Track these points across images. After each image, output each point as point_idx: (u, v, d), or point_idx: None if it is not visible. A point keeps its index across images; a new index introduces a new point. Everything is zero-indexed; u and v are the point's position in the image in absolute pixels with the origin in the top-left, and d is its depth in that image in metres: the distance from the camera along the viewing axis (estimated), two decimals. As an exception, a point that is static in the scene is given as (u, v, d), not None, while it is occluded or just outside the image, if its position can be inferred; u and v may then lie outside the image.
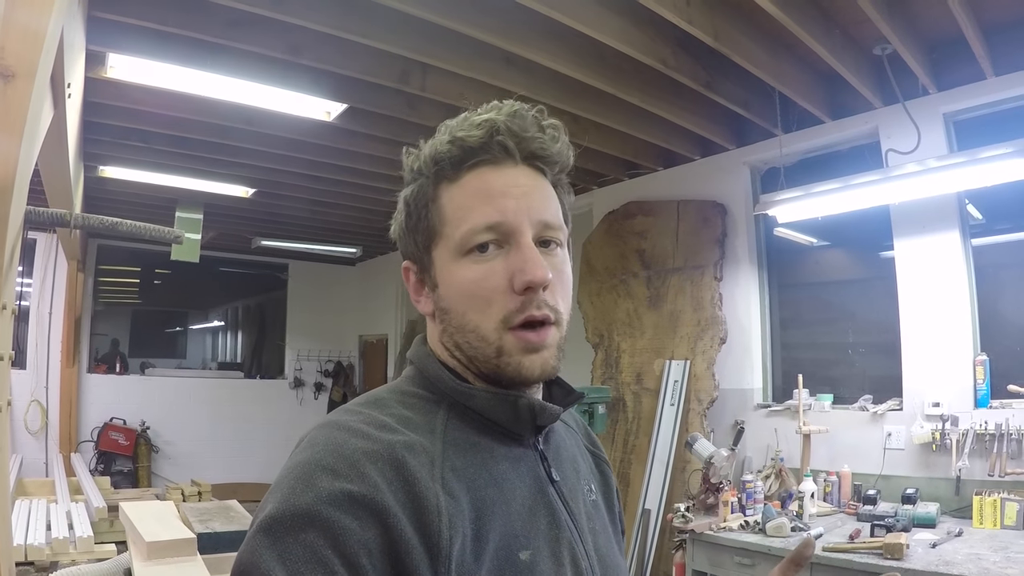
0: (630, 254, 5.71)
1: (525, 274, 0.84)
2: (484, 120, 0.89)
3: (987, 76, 3.80)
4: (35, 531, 3.33)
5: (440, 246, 0.89)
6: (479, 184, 0.88)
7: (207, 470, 8.10)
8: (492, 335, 0.85)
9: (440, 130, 0.92)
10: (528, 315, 0.85)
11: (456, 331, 0.88)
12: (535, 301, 0.85)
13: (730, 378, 5.03)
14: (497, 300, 0.85)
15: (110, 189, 6.31)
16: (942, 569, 2.87)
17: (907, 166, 3.78)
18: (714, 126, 4.88)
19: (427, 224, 0.90)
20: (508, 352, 0.85)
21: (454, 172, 0.89)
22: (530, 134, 0.89)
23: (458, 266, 0.87)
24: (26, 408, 7.62)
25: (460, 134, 0.88)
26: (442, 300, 0.90)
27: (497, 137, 0.88)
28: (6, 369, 1.81)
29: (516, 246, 0.86)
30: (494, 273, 0.85)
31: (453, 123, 0.91)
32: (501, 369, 0.86)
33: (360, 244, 8.80)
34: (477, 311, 0.86)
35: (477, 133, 0.88)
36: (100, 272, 8.87)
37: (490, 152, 0.88)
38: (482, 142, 0.88)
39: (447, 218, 0.88)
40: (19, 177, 1.69)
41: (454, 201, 0.88)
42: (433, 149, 0.90)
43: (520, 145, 0.89)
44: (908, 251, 4.21)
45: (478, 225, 0.86)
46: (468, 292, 0.86)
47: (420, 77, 4.12)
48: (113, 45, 3.59)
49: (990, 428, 3.67)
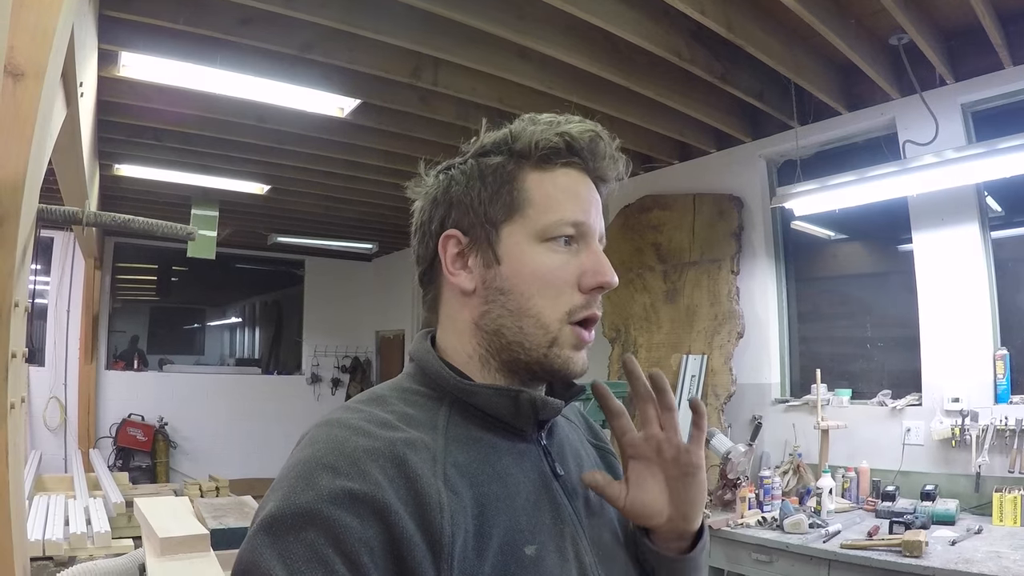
0: (646, 248, 5.68)
1: (600, 275, 0.89)
2: (588, 129, 0.92)
3: (1005, 66, 3.75)
4: (53, 526, 3.35)
5: (517, 224, 0.90)
6: (569, 182, 0.91)
7: (225, 465, 8.15)
8: (554, 324, 0.88)
9: (525, 119, 0.94)
10: (591, 312, 0.90)
11: (510, 314, 0.89)
12: (597, 302, 0.90)
13: (747, 373, 4.99)
14: (566, 292, 0.88)
15: (125, 187, 6.36)
16: (961, 567, 2.83)
17: (925, 157, 3.73)
18: (729, 118, 4.84)
19: (508, 200, 0.90)
20: (561, 344, 0.88)
21: (548, 163, 0.91)
22: (616, 158, 0.94)
23: (536, 250, 0.89)
24: (45, 405, 7.70)
25: (570, 129, 0.91)
26: (503, 279, 0.89)
27: (599, 146, 0.92)
28: (21, 366, 1.81)
29: (589, 248, 0.91)
30: (569, 265, 0.89)
31: (547, 117, 0.93)
32: (549, 360, 0.88)
33: (376, 240, 8.81)
34: (546, 298, 0.88)
35: (584, 137, 0.91)
36: (117, 270, 8.94)
37: (583, 157, 0.92)
38: (587, 146, 0.91)
39: (534, 201, 0.90)
40: (30, 176, 1.69)
41: (543, 188, 0.90)
42: (532, 135, 0.91)
43: (603, 164, 0.93)
44: (927, 244, 4.16)
45: (567, 218, 0.89)
46: (542, 277, 0.88)
47: (432, 72, 4.12)
48: (125, 44, 3.61)
49: (1010, 424, 3.62)
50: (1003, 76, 3.80)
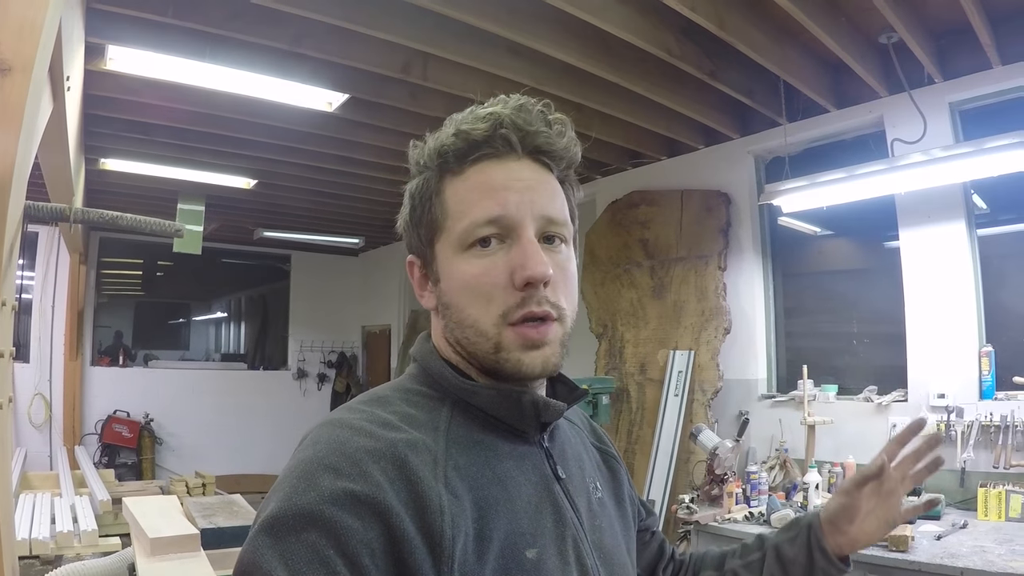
0: (634, 244, 5.70)
1: (525, 270, 0.83)
2: (489, 113, 0.88)
3: (993, 65, 3.77)
4: (40, 525, 3.32)
5: (442, 240, 0.88)
6: (482, 178, 0.87)
7: (211, 462, 8.10)
8: (491, 330, 0.85)
9: (446, 123, 0.91)
10: (527, 311, 0.84)
11: (456, 326, 0.88)
12: (535, 297, 0.84)
13: (734, 368, 5.02)
14: (497, 295, 0.84)
15: (111, 182, 6.30)
16: (947, 561, 2.86)
17: (912, 155, 3.75)
18: (718, 115, 4.85)
19: (430, 218, 0.89)
20: (506, 348, 0.85)
21: (458, 165, 0.88)
22: (535, 128, 0.88)
23: (459, 260, 0.86)
24: (30, 401, 7.64)
25: (465, 127, 0.87)
26: (444, 295, 0.89)
27: (501, 130, 0.87)
28: (7, 366, 1.80)
29: (517, 241, 0.85)
30: (495, 268, 0.84)
31: (459, 116, 0.90)
32: (500, 365, 0.85)
33: (363, 235, 8.79)
34: (477, 306, 0.85)
35: (482, 126, 0.87)
36: (102, 265, 8.87)
37: (493, 145, 0.87)
38: (486, 135, 0.87)
39: (449, 212, 0.87)
40: (17, 172, 1.67)
41: (457, 194, 0.87)
42: (438, 142, 0.89)
43: (524, 139, 0.88)
44: (913, 241, 4.19)
45: (479, 219, 0.85)
46: (468, 287, 0.85)
47: (422, 67, 4.10)
48: (112, 37, 3.57)
49: (995, 420, 3.66)
50: (991, 75, 3.83)
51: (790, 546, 1.07)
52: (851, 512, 1.06)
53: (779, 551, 1.08)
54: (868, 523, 1.06)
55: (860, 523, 1.06)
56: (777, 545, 1.09)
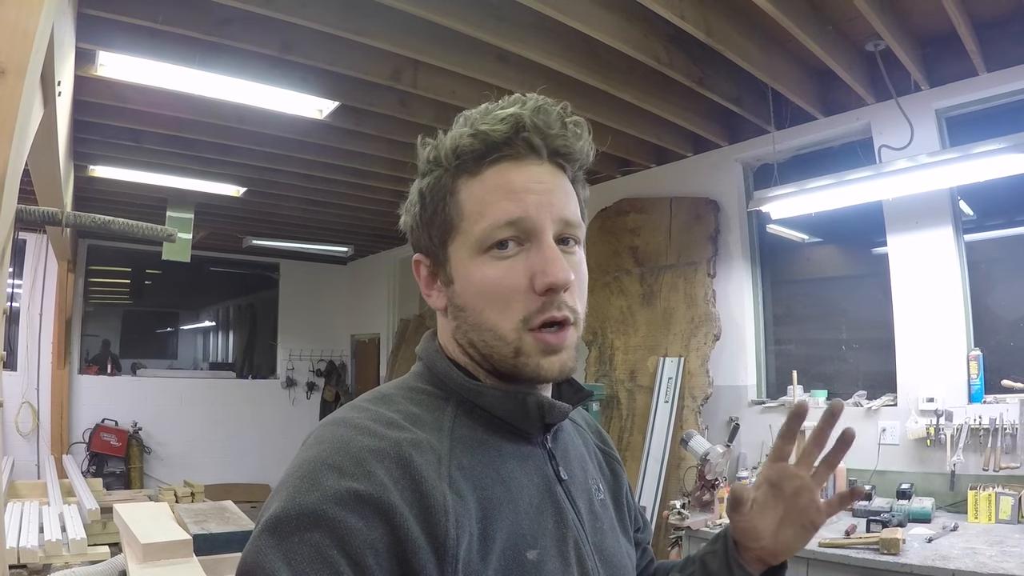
0: (623, 251, 5.71)
1: (547, 275, 0.82)
2: (509, 114, 0.86)
3: (979, 72, 3.81)
4: (28, 534, 3.29)
5: (457, 241, 0.87)
6: (501, 180, 0.85)
7: (199, 471, 8.06)
8: (511, 335, 0.84)
9: (459, 121, 0.89)
10: (549, 316, 0.83)
11: (471, 329, 0.87)
12: (556, 302, 0.83)
13: (724, 375, 5.03)
14: (517, 300, 0.83)
15: (100, 188, 6.27)
16: (938, 564, 2.87)
17: (899, 162, 3.79)
18: (707, 123, 4.88)
19: (444, 218, 0.88)
20: (527, 353, 0.84)
21: (475, 166, 0.86)
22: (555, 131, 0.87)
23: (476, 263, 0.85)
24: (17, 410, 7.56)
25: (484, 127, 0.86)
26: (458, 297, 0.88)
27: (523, 133, 0.85)
28: (-2, 370, 1.79)
29: (538, 245, 0.84)
30: (514, 272, 0.83)
31: (474, 114, 0.88)
32: (519, 369, 0.85)
33: (352, 243, 8.75)
34: (496, 311, 0.84)
35: (502, 128, 0.85)
36: (91, 272, 8.80)
37: (514, 148, 0.86)
38: (506, 137, 0.85)
39: (466, 213, 0.86)
40: (9, 176, 1.67)
41: (474, 196, 0.86)
42: (454, 141, 0.87)
43: (545, 142, 0.87)
44: (901, 247, 4.22)
45: (498, 221, 0.83)
46: (487, 291, 0.84)
47: (412, 74, 4.10)
48: (103, 43, 3.56)
49: (984, 423, 3.68)
50: (977, 82, 3.87)
51: (713, 559, 1.01)
52: (750, 532, 0.97)
53: (705, 565, 1.03)
54: (783, 533, 0.96)
55: (774, 536, 0.96)
56: (703, 558, 1.04)
